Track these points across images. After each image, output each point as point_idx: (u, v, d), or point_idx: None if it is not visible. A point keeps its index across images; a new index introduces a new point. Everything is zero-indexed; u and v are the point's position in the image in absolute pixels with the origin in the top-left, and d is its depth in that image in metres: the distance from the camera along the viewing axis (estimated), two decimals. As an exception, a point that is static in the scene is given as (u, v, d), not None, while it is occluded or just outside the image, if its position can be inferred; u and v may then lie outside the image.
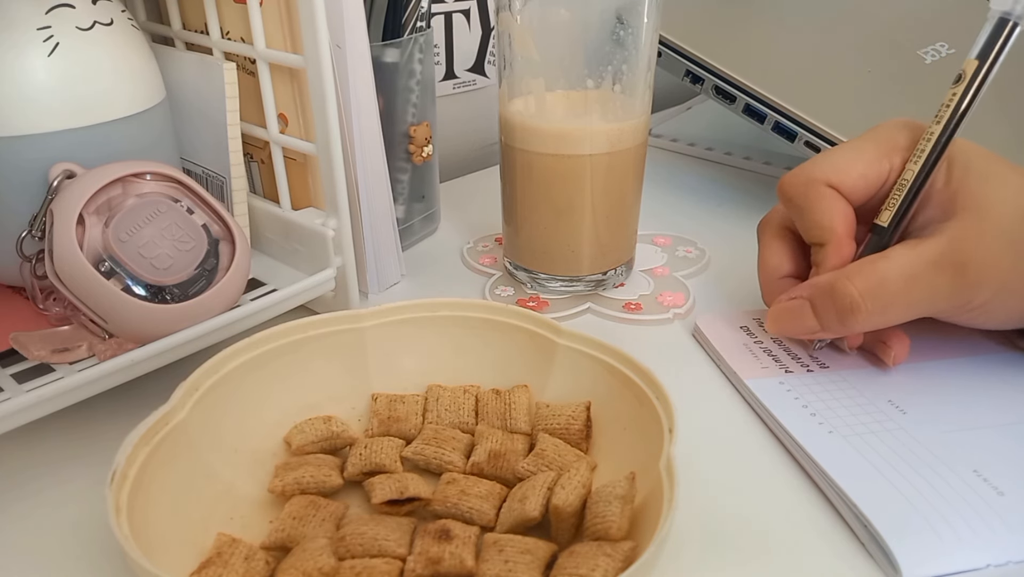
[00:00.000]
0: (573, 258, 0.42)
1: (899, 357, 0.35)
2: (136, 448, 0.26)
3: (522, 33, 0.38)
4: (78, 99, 0.33)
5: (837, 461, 0.30)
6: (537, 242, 0.43)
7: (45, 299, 0.34)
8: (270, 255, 0.43)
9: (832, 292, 0.33)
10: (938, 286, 0.32)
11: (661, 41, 0.53)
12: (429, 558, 0.24)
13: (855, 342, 0.36)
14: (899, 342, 0.35)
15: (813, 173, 0.35)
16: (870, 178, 0.34)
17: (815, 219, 0.35)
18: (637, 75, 0.39)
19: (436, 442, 0.30)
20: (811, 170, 0.35)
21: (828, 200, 0.34)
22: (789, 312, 0.35)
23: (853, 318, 0.33)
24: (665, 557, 0.27)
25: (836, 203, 0.34)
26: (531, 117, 0.40)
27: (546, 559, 0.25)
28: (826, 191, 0.34)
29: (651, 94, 0.41)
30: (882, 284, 0.32)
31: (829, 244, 0.34)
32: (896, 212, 0.34)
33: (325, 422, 0.31)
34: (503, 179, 0.44)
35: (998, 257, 0.31)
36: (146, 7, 0.43)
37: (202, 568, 0.24)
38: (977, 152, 0.33)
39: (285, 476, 0.28)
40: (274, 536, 0.26)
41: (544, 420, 0.31)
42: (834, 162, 0.35)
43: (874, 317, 0.32)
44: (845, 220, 0.34)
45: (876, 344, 0.36)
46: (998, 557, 0.26)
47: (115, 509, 0.24)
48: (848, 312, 0.33)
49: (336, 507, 0.28)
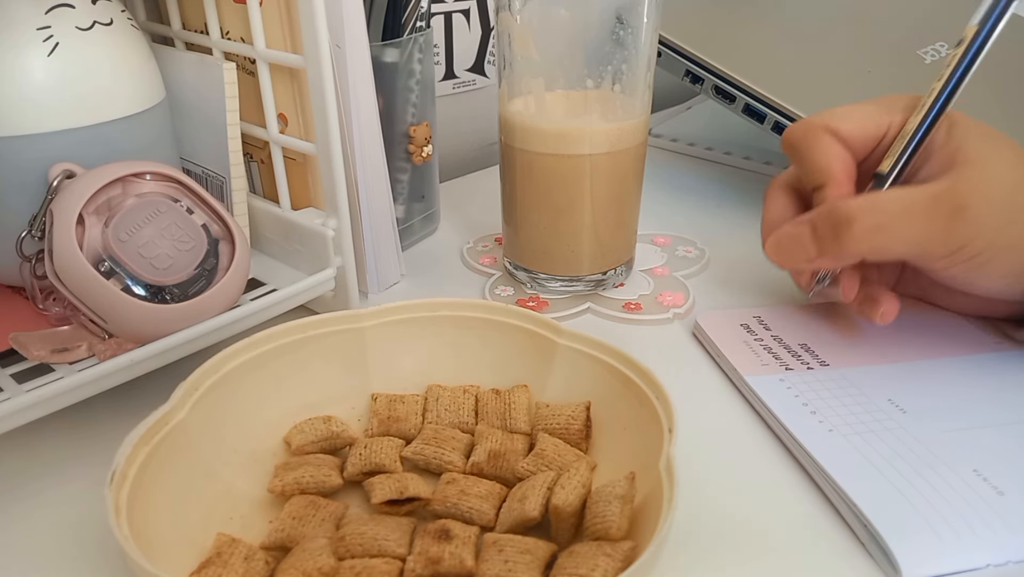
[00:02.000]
0: (573, 258, 0.42)
1: (888, 314, 0.36)
2: (136, 448, 0.26)
3: (522, 33, 0.38)
4: (78, 99, 0.33)
5: (837, 460, 0.30)
6: (537, 242, 0.43)
7: (45, 299, 0.34)
8: (270, 255, 0.43)
9: (830, 210, 0.34)
10: (933, 223, 0.32)
11: (661, 41, 0.53)
12: (429, 558, 0.24)
13: (850, 291, 0.37)
14: (889, 300, 0.36)
15: (814, 120, 0.36)
16: (868, 128, 0.35)
17: (814, 160, 0.36)
18: (637, 75, 0.39)
19: (436, 442, 0.30)
20: (813, 117, 0.37)
21: (826, 143, 0.36)
22: (788, 236, 0.36)
23: (848, 232, 0.33)
24: (665, 557, 0.27)
25: (834, 146, 0.36)
26: (531, 117, 0.40)
27: (546, 559, 0.25)
28: (825, 135, 0.36)
29: (651, 94, 0.41)
30: (878, 205, 0.33)
31: (828, 185, 0.35)
32: (897, 159, 0.35)
33: (325, 422, 0.31)
34: (503, 179, 0.44)
35: (995, 209, 0.32)
36: (146, 7, 0.43)
37: (202, 568, 0.24)
38: (978, 122, 0.34)
39: (285, 476, 0.28)
40: (274, 536, 0.26)
41: (544, 420, 0.31)
42: (835, 111, 0.36)
43: (868, 236, 0.33)
44: (843, 162, 0.36)
45: (867, 302, 0.37)
46: (997, 557, 0.26)
47: (115, 509, 0.24)
48: (844, 225, 0.33)
49: (336, 507, 0.28)
